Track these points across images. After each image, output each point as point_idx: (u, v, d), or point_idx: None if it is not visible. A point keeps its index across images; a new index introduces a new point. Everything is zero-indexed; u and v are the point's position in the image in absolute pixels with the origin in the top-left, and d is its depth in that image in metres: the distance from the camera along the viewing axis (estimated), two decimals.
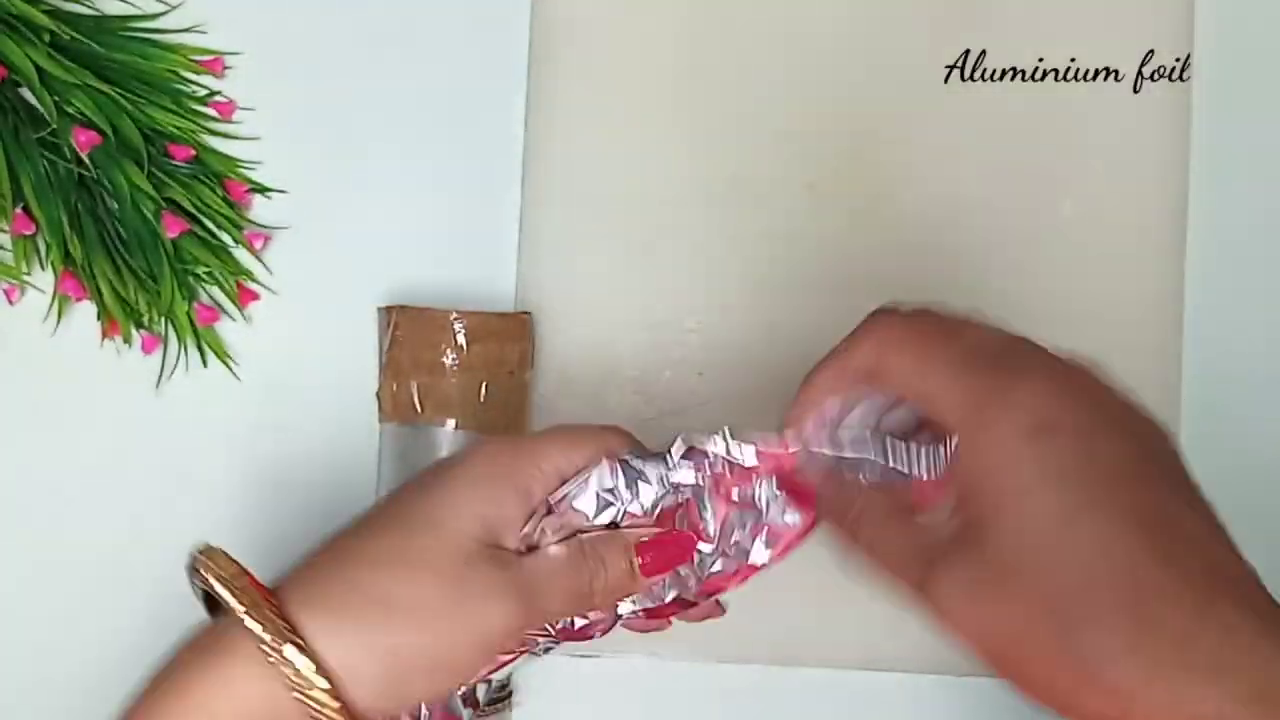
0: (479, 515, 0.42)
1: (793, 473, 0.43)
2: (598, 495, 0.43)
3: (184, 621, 0.59)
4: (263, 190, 0.60)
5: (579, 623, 0.45)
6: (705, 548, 0.44)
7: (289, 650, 0.39)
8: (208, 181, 0.59)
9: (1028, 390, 0.37)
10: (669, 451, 0.44)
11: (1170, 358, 0.61)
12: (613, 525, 0.43)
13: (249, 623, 0.39)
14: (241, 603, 0.40)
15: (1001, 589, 0.35)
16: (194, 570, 0.42)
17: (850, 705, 0.60)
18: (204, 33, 0.60)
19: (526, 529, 0.43)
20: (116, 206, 0.58)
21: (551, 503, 0.43)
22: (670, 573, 0.44)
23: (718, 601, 0.46)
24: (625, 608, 0.45)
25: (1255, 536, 0.62)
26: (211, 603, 0.42)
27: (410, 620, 0.40)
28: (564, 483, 0.43)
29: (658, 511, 0.44)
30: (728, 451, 0.44)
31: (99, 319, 0.58)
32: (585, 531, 0.44)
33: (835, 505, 0.42)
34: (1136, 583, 0.34)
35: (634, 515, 0.43)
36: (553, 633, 0.45)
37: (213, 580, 0.41)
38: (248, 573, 0.41)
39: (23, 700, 0.59)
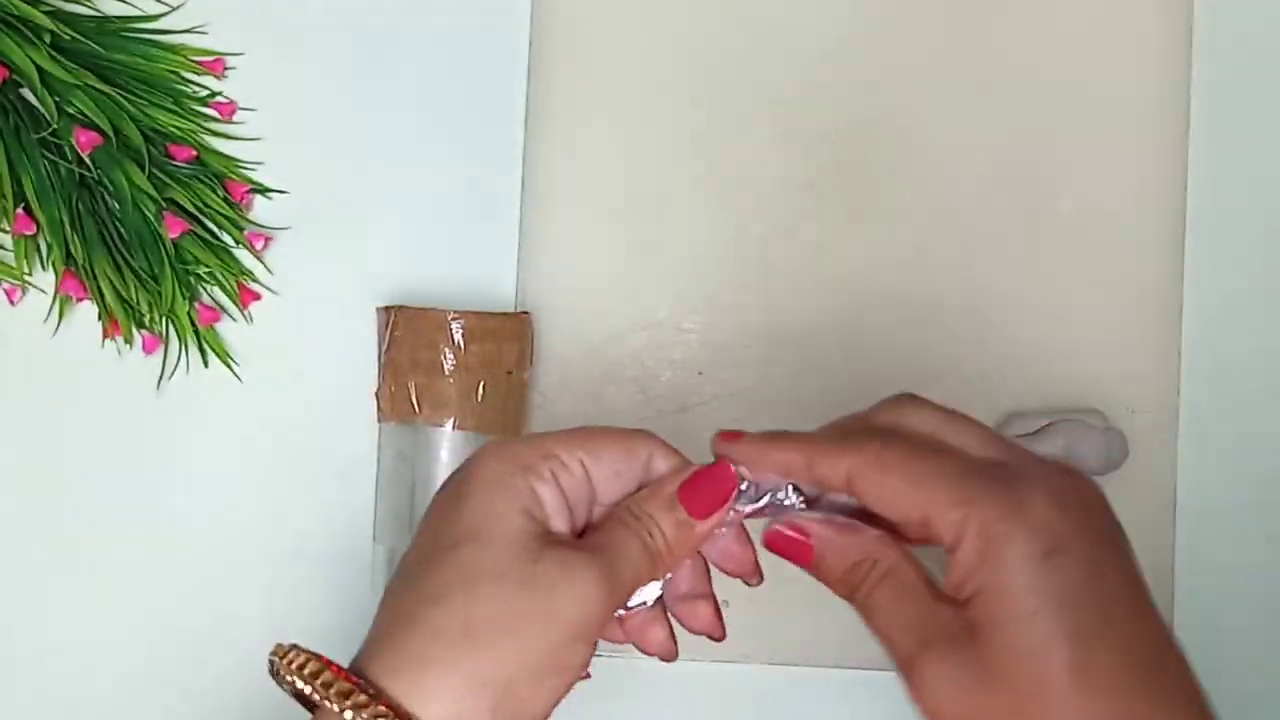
0: (518, 510, 0.40)
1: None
2: None
3: (182, 620, 0.59)
4: (263, 191, 0.60)
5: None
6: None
7: None
8: (208, 182, 0.59)
9: (1038, 512, 0.37)
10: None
11: (1170, 357, 0.61)
12: None
13: (347, 715, 0.37)
14: (330, 699, 0.38)
15: (994, 695, 0.37)
16: (276, 674, 0.40)
17: (850, 705, 0.60)
18: (205, 33, 0.60)
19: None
20: (118, 207, 0.58)
21: None
22: (727, 506, 0.42)
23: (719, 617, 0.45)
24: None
25: (1255, 536, 0.62)
26: (305, 697, 0.40)
27: (497, 639, 0.38)
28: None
29: None
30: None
31: (100, 319, 0.58)
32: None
33: (832, 554, 0.41)
34: (1129, 712, 0.36)
35: None
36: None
37: (297, 681, 0.39)
38: (327, 662, 0.39)
39: (22, 699, 0.59)
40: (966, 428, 0.41)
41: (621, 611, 0.44)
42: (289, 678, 0.39)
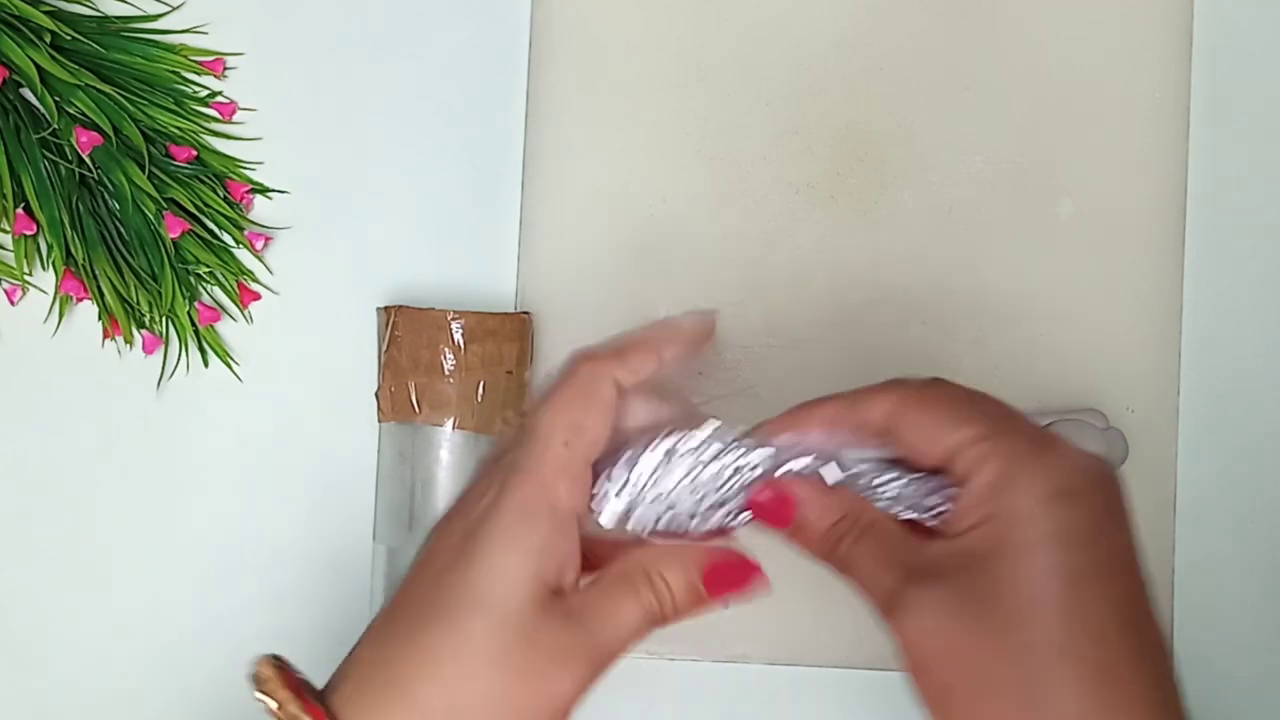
0: (531, 572, 0.38)
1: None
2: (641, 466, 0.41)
3: (182, 620, 0.59)
4: (264, 191, 0.60)
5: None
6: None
7: None
8: (209, 182, 0.59)
9: (1060, 457, 0.38)
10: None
11: (1169, 357, 0.61)
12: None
13: None
14: None
15: (978, 621, 0.37)
16: (253, 686, 0.39)
17: (850, 705, 0.60)
18: (205, 33, 0.60)
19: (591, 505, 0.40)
20: (118, 207, 0.58)
21: (607, 471, 0.41)
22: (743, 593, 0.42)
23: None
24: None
25: (1255, 536, 0.62)
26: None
27: None
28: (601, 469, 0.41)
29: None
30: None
31: (100, 319, 0.58)
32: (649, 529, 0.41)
33: (814, 511, 0.41)
34: (1110, 666, 0.36)
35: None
36: None
37: (267, 700, 0.38)
38: (301, 692, 0.38)
39: (21, 699, 0.59)
40: (997, 400, 0.42)
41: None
42: (260, 695, 0.38)
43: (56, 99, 0.56)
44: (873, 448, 0.42)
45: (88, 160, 0.57)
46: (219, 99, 0.60)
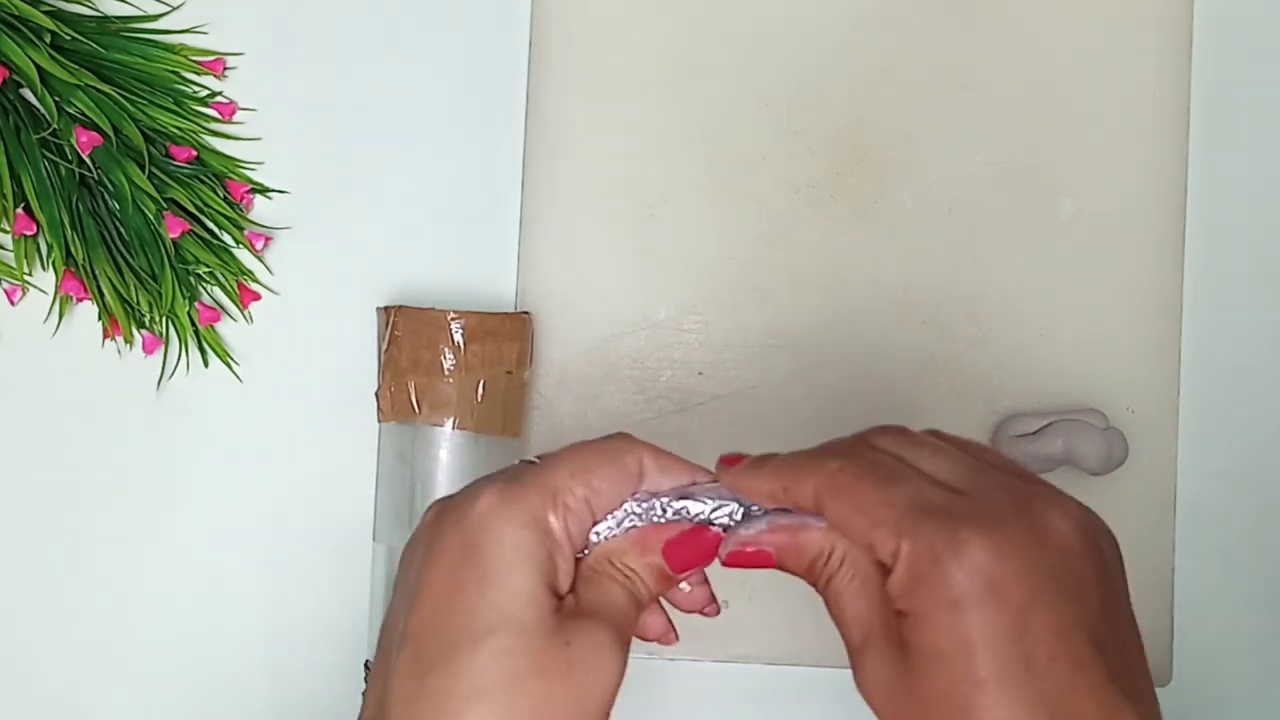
0: (544, 585, 0.39)
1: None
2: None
3: (182, 620, 0.59)
4: (263, 191, 0.60)
5: None
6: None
7: None
8: (209, 182, 0.59)
9: (973, 551, 0.37)
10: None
11: (1169, 357, 0.61)
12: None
13: None
14: None
15: (910, 702, 0.38)
16: None
17: (850, 705, 0.60)
18: (205, 34, 0.60)
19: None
20: (118, 207, 0.58)
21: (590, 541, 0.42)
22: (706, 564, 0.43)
23: (715, 599, 0.46)
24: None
25: (1255, 536, 0.62)
26: None
27: None
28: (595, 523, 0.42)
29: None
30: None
31: (100, 319, 0.58)
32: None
33: (789, 557, 0.42)
34: None
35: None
36: None
37: None
38: None
39: (21, 699, 0.59)
40: (932, 451, 0.41)
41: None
42: None
43: (56, 99, 0.56)
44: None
45: (88, 160, 0.57)
46: (219, 99, 0.60)
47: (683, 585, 0.44)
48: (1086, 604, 0.38)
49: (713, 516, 0.43)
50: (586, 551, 0.42)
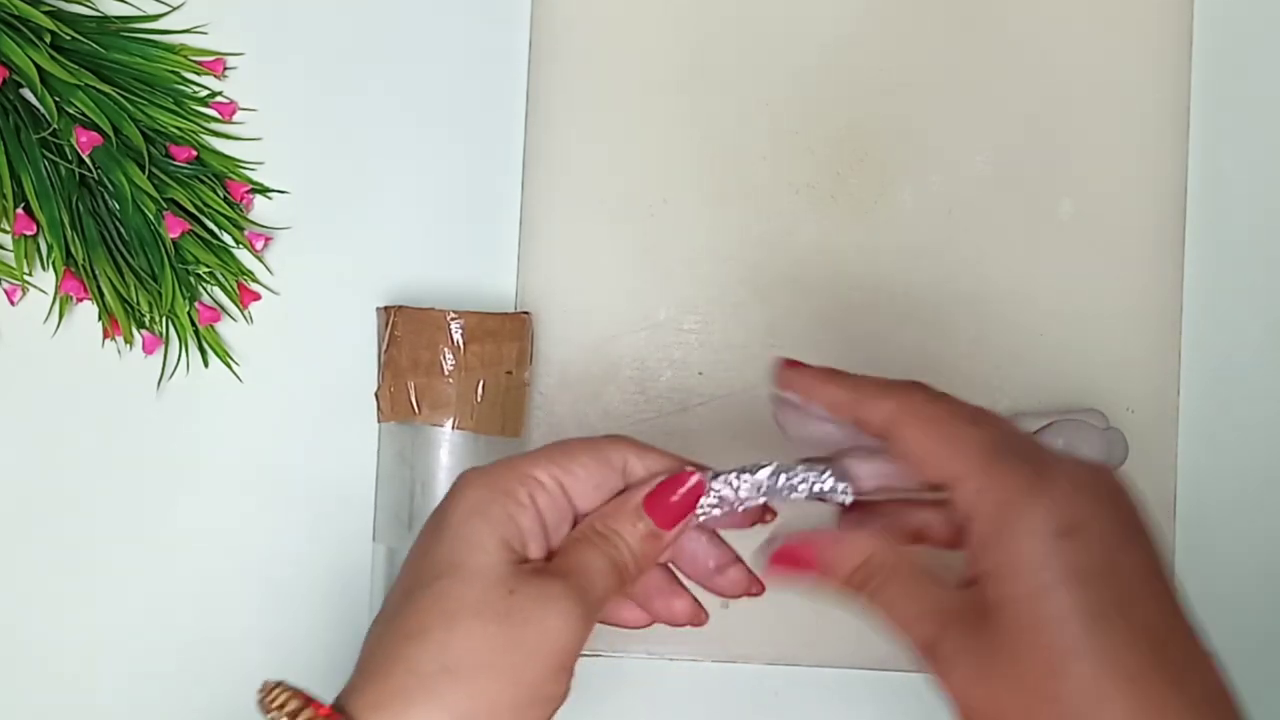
0: (497, 538, 0.40)
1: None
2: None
3: (181, 620, 0.59)
4: (264, 191, 0.60)
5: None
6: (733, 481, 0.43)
7: None
8: (209, 182, 0.59)
9: (1060, 490, 0.37)
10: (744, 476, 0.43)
11: (1169, 357, 0.61)
12: None
13: None
14: None
15: (1010, 673, 0.36)
16: (264, 710, 0.40)
17: (850, 705, 0.60)
18: (205, 34, 0.60)
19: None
20: (118, 207, 0.58)
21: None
22: (695, 512, 0.43)
23: (756, 578, 0.45)
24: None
25: (1255, 536, 0.62)
26: None
27: (477, 674, 0.38)
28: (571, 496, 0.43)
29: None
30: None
31: (100, 319, 0.58)
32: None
33: (836, 558, 0.41)
34: (1145, 697, 0.35)
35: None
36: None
37: (282, 718, 0.39)
38: (310, 699, 0.39)
39: (20, 700, 0.59)
40: (1001, 418, 0.41)
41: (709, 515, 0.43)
42: (271, 716, 0.39)
43: (56, 99, 0.56)
44: (866, 443, 0.42)
45: (88, 160, 0.57)
46: (219, 99, 0.60)
47: (718, 574, 0.44)
48: (1157, 553, 0.38)
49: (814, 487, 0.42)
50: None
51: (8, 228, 0.57)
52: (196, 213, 0.59)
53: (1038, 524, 0.36)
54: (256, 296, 0.60)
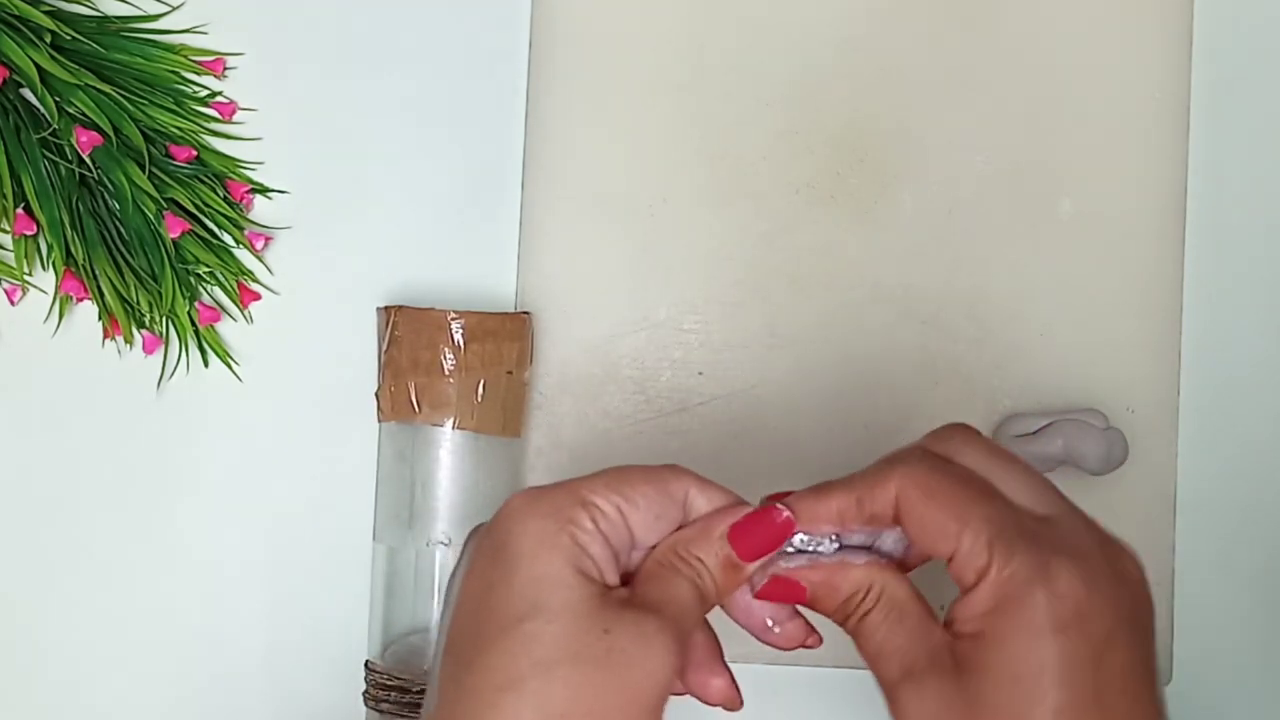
0: (573, 572, 0.37)
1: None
2: None
3: (182, 620, 0.59)
4: (264, 191, 0.60)
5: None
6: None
7: None
8: (209, 182, 0.59)
9: (1062, 584, 0.37)
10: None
11: (1169, 357, 0.61)
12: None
13: None
14: None
15: None
16: None
17: (850, 705, 0.60)
18: (205, 33, 0.60)
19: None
20: (118, 207, 0.58)
21: None
22: (778, 550, 0.41)
23: (814, 629, 0.44)
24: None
25: (1255, 536, 0.62)
26: None
27: None
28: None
29: None
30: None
31: (100, 319, 0.58)
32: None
33: (824, 592, 0.41)
34: None
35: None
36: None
37: None
38: None
39: (20, 700, 0.59)
40: (1017, 473, 0.40)
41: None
42: None
43: (56, 99, 0.56)
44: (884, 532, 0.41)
45: (88, 160, 0.57)
46: (219, 99, 0.60)
47: (774, 628, 0.43)
48: (1149, 647, 0.38)
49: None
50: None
51: (8, 228, 0.57)
52: (196, 213, 0.59)
53: (1038, 616, 0.37)
54: (256, 296, 0.60)
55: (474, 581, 0.39)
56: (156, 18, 0.60)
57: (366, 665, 0.56)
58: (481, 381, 0.55)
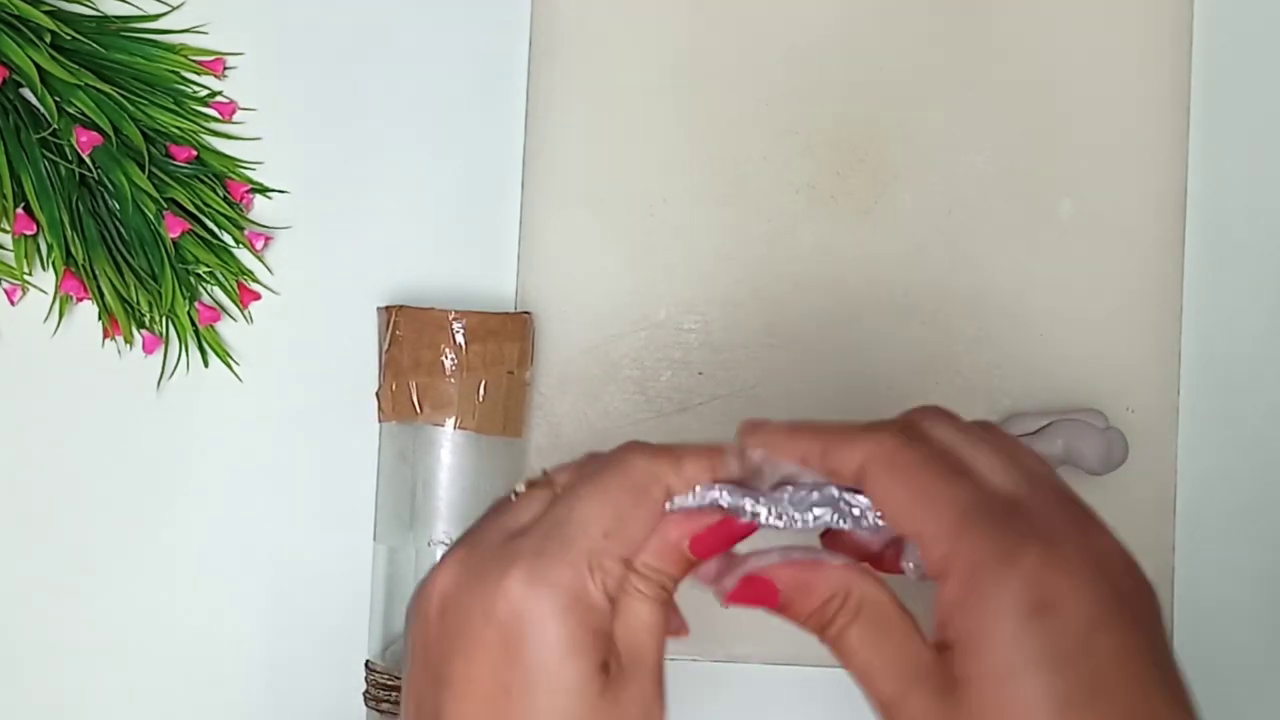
0: (596, 670, 0.36)
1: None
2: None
3: (181, 620, 0.59)
4: (263, 190, 0.60)
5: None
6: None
7: None
8: (209, 182, 0.59)
9: (1033, 563, 0.34)
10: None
11: (1169, 357, 0.61)
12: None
13: None
14: None
15: None
16: None
17: (850, 705, 0.60)
18: (205, 33, 0.60)
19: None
20: (118, 207, 0.58)
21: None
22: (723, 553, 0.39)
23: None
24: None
25: (1255, 536, 0.62)
26: None
27: None
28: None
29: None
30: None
31: (100, 319, 0.58)
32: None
33: (798, 592, 0.38)
34: None
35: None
36: None
37: None
38: None
39: (20, 700, 0.59)
40: (991, 450, 0.38)
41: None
42: None
43: (56, 99, 0.56)
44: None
45: (88, 160, 0.57)
46: (219, 99, 0.60)
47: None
48: (1151, 628, 0.36)
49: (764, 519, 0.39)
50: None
51: (8, 228, 0.57)
52: (196, 212, 0.59)
53: (1008, 602, 0.34)
54: (256, 296, 0.60)
55: (484, 678, 0.37)
56: (156, 18, 0.60)
57: (366, 665, 0.56)
58: (483, 381, 0.55)
